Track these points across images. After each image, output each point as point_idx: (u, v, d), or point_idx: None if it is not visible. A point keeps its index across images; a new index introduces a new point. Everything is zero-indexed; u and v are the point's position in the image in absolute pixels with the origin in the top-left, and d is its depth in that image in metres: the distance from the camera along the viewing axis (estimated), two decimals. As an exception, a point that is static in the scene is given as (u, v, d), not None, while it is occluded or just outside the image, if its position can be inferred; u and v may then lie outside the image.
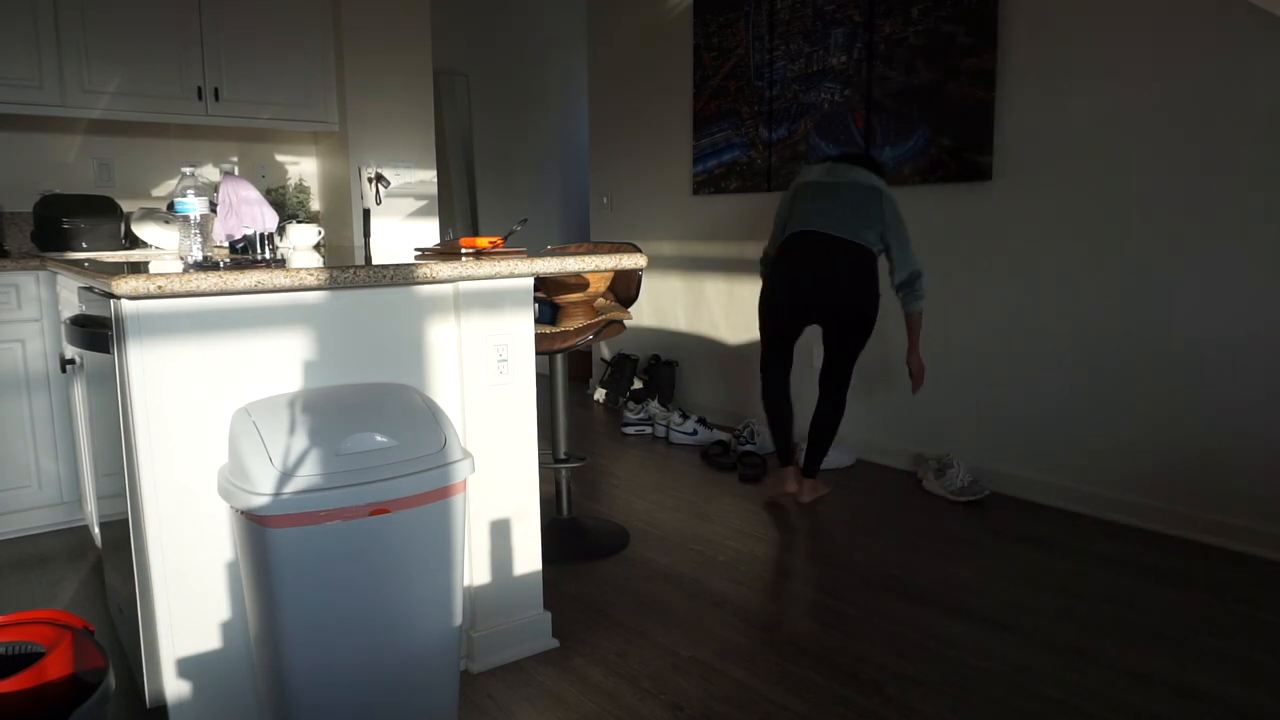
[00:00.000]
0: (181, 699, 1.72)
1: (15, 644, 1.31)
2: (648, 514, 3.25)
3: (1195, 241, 2.87)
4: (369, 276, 1.81)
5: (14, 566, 2.83)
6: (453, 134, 5.98)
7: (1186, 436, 2.93)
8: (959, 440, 3.59)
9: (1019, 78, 3.26)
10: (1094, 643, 2.23)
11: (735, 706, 1.95)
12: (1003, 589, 2.56)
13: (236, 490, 1.55)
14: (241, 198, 2.09)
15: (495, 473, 2.11)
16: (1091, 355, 3.15)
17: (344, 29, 4.03)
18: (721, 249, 4.60)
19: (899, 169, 3.67)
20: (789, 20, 4.10)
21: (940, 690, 2.01)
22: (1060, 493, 3.27)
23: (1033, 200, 3.27)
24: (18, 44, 3.32)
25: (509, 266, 2.01)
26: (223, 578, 1.74)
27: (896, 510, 3.26)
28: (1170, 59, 2.87)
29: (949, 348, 3.61)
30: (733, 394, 4.63)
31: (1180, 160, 2.88)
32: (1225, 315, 2.82)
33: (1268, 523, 2.76)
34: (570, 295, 2.77)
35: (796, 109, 4.09)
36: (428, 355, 1.99)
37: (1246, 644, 2.21)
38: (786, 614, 2.41)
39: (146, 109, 3.63)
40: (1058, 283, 3.22)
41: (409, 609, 1.68)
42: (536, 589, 2.22)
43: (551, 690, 2.03)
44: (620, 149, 5.21)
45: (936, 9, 3.47)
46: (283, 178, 4.32)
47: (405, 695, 1.70)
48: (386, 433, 1.65)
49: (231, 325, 1.72)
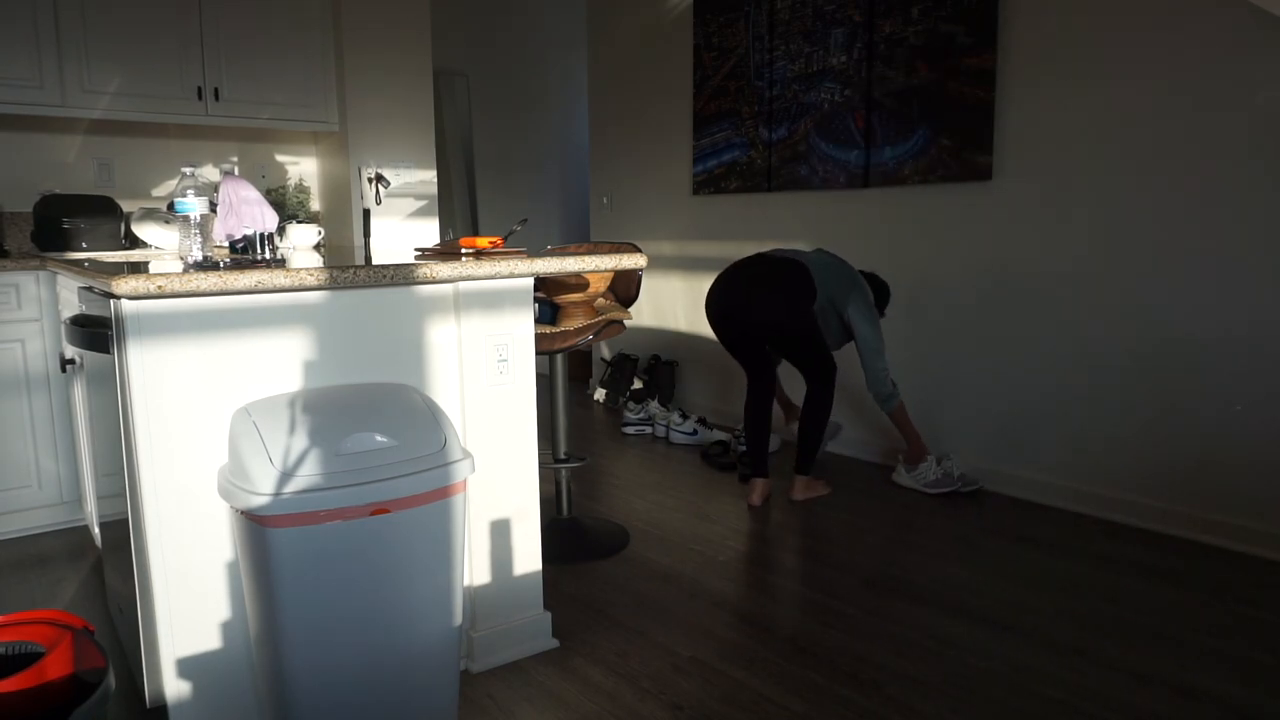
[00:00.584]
0: (181, 699, 1.72)
1: (15, 644, 1.31)
2: (648, 514, 3.25)
3: (1195, 241, 2.87)
4: (369, 276, 1.81)
5: (14, 566, 2.83)
6: (453, 134, 5.98)
7: (1186, 436, 2.93)
8: (958, 440, 3.59)
9: (1019, 78, 3.27)
10: (1094, 643, 2.23)
11: (735, 706, 1.95)
12: (1003, 589, 2.56)
13: (236, 490, 1.55)
14: (241, 198, 2.09)
15: (495, 473, 2.11)
16: (1091, 355, 3.15)
17: (344, 29, 4.03)
18: (721, 249, 4.60)
19: (899, 169, 3.67)
20: (789, 20, 4.10)
21: (940, 690, 2.01)
22: (1060, 493, 3.27)
23: (1033, 200, 3.27)
24: (18, 44, 3.32)
25: (509, 266, 2.01)
26: (223, 578, 1.74)
27: (897, 510, 3.26)
28: (1170, 59, 2.87)
29: (947, 345, 3.60)
30: (733, 394, 4.62)
31: (1180, 160, 2.88)
32: (1225, 315, 2.82)
33: (1268, 523, 2.76)
34: (570, 295, 2.77)
35: (796, 109, 4.09)
36: (428, 355, 1.99)
37: (1246, 644, 2.21)
38: (786, 614, 2.41)
39: (146, 109, 3.63)
40: (1057, 282, 3.22)
41: (409, 609, 1.68)
42: (536, 589, 2.22)
43: (551, 690, 2.03)
44: (620, 149, 5.21)
45: (936, 9, 3.47)
46: (283, 178, 4.33)
47: (405, 695, 1.70)
48: (386, 433, 1.65)
49: (231, 325, 1.72)
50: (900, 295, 3.77)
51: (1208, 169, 2.82)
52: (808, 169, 4.06)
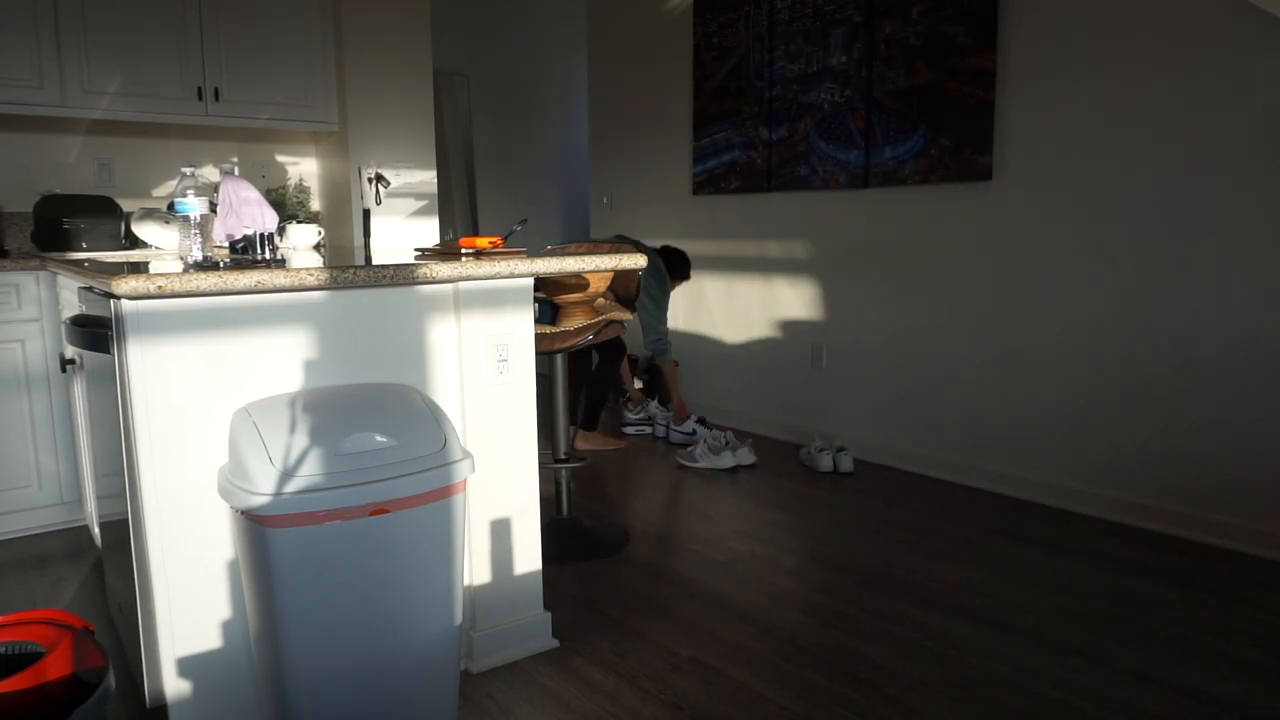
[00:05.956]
0: (181, 699, 1.72)
1: (15, 644, 1.31)
2: (648, 514, 3.25)
3: (1195, 241, 2.87)
4: (369, 276, 1.81)
5: (14, 566, 2.83)
6: (453, 134, 5.98)
7: (1186, 436, 2.93)
8: (957, 440, 3.59)
9: (1019, 78, 3.27)
10: (1094, 643, 2.23)
11: (735, 706, 1.95)
12: (1003, 589, 2.56)
13: (236, 490, 1.55)
14: (241, 198, 2.09)
15: (495, 473, 2.11)
16: (1091, 355, 3.15)
17: (344, 29, 4.03)
18: (721, 249, 4.60)
19: (899, 169, 3.67)
20: (789, 20, 4.10)
21: (940, 690, 2.01)
22: (1060, 492, 3.27)
23: (1032, 200, 3.27)
24: (18, 44, 3.32)
25: (509, 266, 2.01)
26: (223, 578, 1.74)
27: (896, 510, 3.26)
28: (1170, 59, 2.87)
29: (948, 346, 3.61)
30: (733, 394, 4.62)
31: (1180, 160, 2.88)
32: (1225, 315, 2.82)
33: (1268, 523, 2.76)
34: (570, 295, 2.77)
35: (796, 109, 4.09)
36: (428, 355, 1.99)
37: (1246, 644, 2.21)
38: (786, 614, 2.41)
39: (146, 109, 3.63)
40: (1057, 283, 3.22)
41: (409, 609, 1.68)
42: (536, 589, 2.22)
43: (551, 690, 2.03)
44: (620, 149, 5.21)
45: (936, 9, 3.47)
46: (283, 178, 4.32)
47: (405, 695, 1.70)
48: (386, 433, 1.65)
49: (231, 325, 1.72)
50: (900, 295, 3.77)
51: (1207, 169, 2.82)
52: (808, 169, 4.06)
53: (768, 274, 4.36)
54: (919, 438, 3.74)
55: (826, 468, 3.75)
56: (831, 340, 4.08)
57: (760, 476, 3.71)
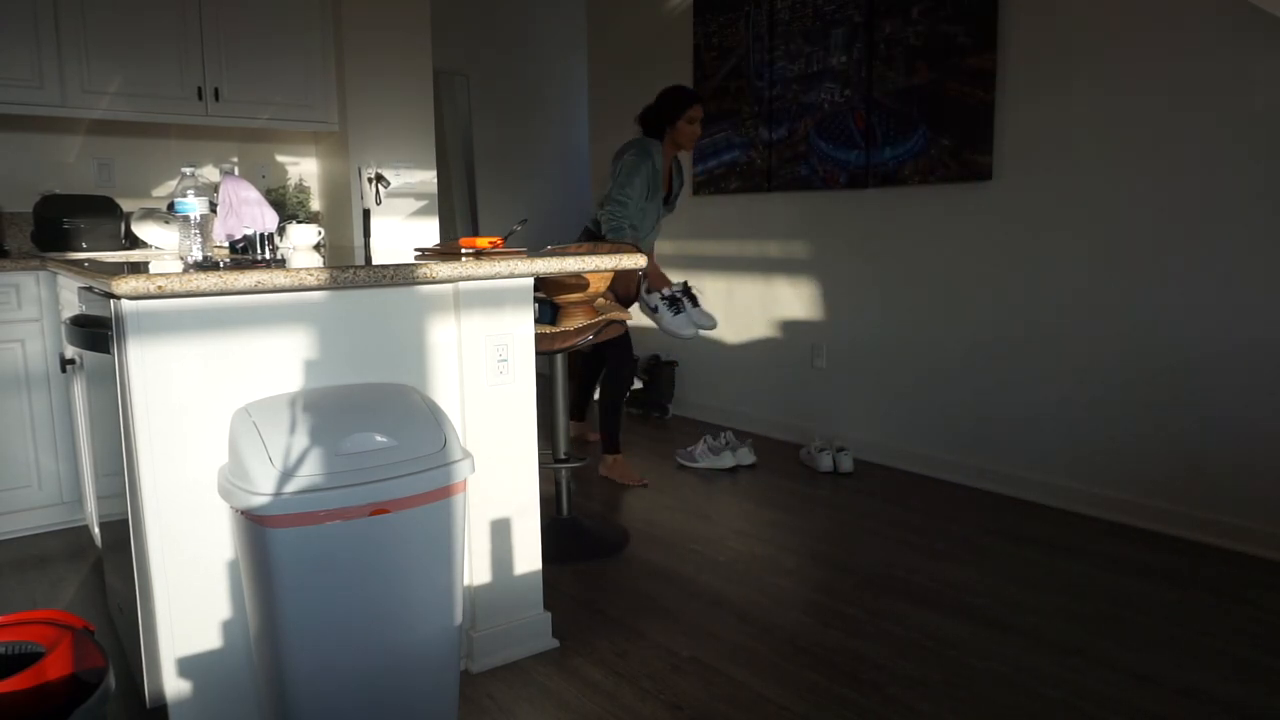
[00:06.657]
0: (181, 699, 1.72)
1: (15, 644, 1.31)
2: (648, 514, 3.25)
3: (1195, 241, 2.87)
4: (369, 276, 1.81)
5: (14, 566, 2.83)
6: (453, 134, 5.98)
7: (1186, 436, 2.93)
8: (958, 440, 3.59)
9: (1019, 78, 3.26)
10: (1094, 643, 2.22)
11: (735, 706, 1.95)
12: (1003, 589, 2.56)
13: (236, 490, 1.55)
14: (241, 198, 2.09)
15: (495, 472, 2.11)
16: (1091, 354, 3.15)
17: (344, 29, 4.03)
18: (721, 249, 4.60)
19: (899, 169, 3.67)
20: (789, 20, 4.10)
21: (940, 690, 2.01)
22: (1060, 493, 3.27)
23: (1033, 200, 3.27)
24: (18, 44, 3.32)
25: (509, 266, 2.01)
26: (223, 578, 1.74)
27: (896, 510, 3.26)
28: (1170, 59, 2.87)
29: (948, 347, 3.61)
30: (733, 394, 4.62)
31: (1180, 161, 2.88)
32: (1225, 314, 2.82)
33: (1268, 523, 2.76)
34: (570, 295, 2.77)
35: (796, 109, 4.09)
36: (428, 355, 1.99)
37: (1246, 644, 2.21)
38: (786, 614, 2.41)
39: (146, 109, 3.62)
40: (1057, 282, 3.22)
41: (409, 609, 1.68)
42: (536, 589, 2.22)
43: (551, 690, 2.03)
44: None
45: (936, 9, 3.47)
46: (283, 178, 4.32)
47: (405, 695, 1.70)
48: (387, 433, 1.65)
49: (232, 325, 1.72)
50: (899, 295, 3.77)
51: (1207, 169, 2.82)
52: (808, 169, 4.06)
53: (768, 274, 4.36)
54: (919, 438, 3.74)
55: (826, 468, 3.75)
56: (831, 340, 4.08)
57: (760, 476, 3.71)
